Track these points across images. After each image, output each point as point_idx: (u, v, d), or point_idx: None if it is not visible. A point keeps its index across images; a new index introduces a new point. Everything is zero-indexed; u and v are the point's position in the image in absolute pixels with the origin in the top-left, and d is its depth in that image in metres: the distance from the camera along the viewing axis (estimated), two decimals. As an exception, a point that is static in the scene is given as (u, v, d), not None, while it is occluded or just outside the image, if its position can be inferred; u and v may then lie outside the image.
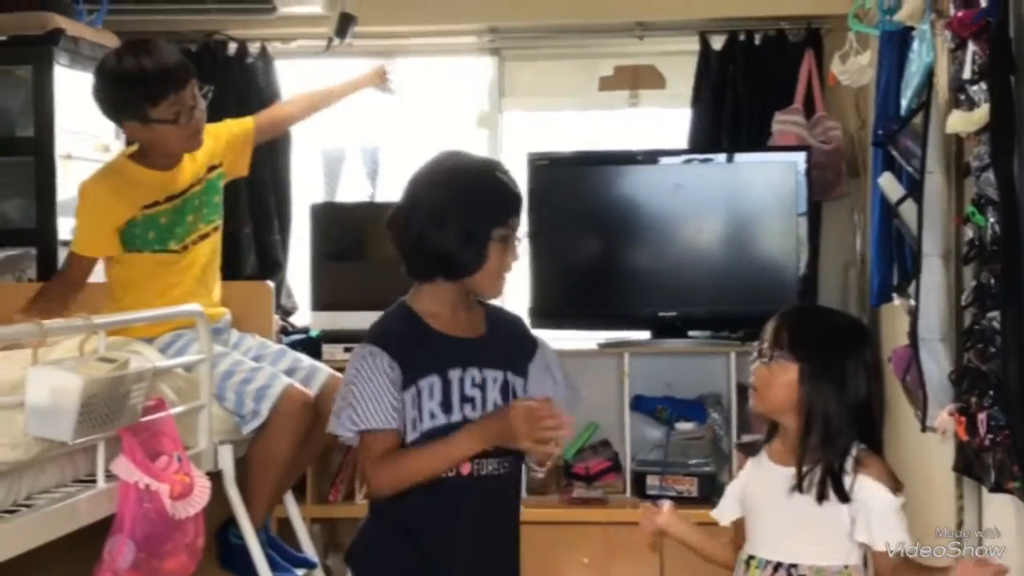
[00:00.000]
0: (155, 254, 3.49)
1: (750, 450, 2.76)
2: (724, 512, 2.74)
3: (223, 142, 3.66)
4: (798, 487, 2.54)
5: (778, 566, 2.59)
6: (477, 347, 2.63)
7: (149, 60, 3.36)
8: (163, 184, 3.50)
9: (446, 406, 2.57)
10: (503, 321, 2.75)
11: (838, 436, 2.54)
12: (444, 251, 2.57)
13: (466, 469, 2.56)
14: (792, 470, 2.56)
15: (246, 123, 3.75)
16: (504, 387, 2.62)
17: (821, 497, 2.51)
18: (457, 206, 2.58)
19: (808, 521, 2.54)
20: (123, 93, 3.38)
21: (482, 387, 2.60)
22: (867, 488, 2.52)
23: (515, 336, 2.74)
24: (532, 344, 2.74)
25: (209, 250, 3.64)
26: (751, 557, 2.62)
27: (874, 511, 2.52)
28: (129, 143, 3.60)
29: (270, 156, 5.18)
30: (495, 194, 2.62)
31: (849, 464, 2.53)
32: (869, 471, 2.53)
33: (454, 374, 2.58)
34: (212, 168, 3.62)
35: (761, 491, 2.64)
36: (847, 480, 2.52)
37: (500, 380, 2.62)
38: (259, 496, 3.50)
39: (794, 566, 2.57)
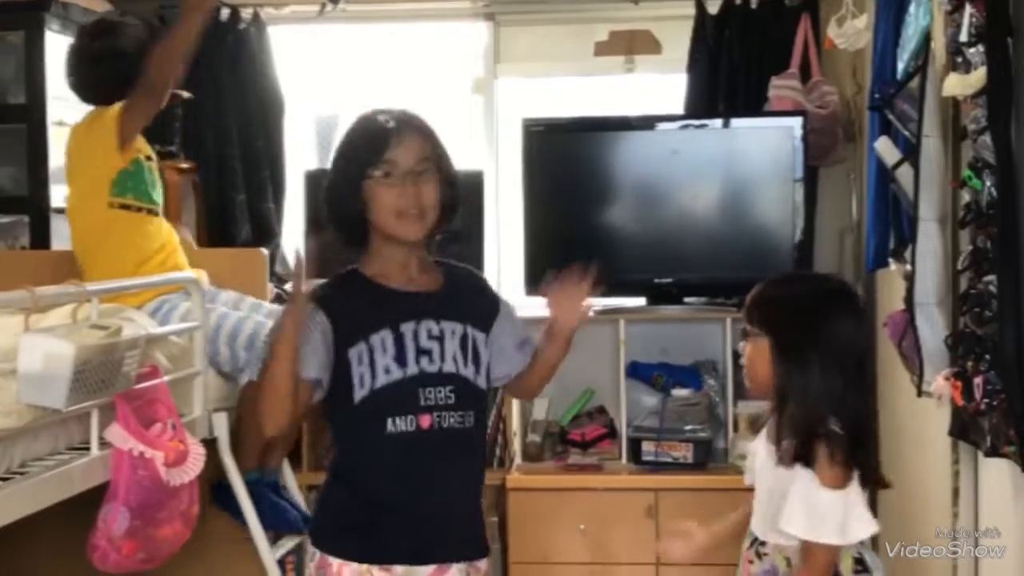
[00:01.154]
0: (140, 212, 3.55)
1: (756, 425, 2.76)
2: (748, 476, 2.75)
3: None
4: (781, 462, 2.51)
5: (754, 541, 2.62)
6: (433, 300, 2.57)
7: (124, 25, 3.66)
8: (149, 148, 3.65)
9: (400, 360, 2.50)
10: (463, 277, 2.70)
11: (810, 411, 2.47)
12: (332, 200, 2.56)
13: (426, 422, 2.50)
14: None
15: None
16: (463, 340, 2.56)
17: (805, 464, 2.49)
18: (336, 155, 2.58)
19: (779, 499, 2.53)
20: (111, 72, 3.58)
21: (440, 339, 2.54)
22: (800, 473, 2.48)
23: (477, 292, 2.69)
24: (495, 301, 2.69)
25: (168, 228, 3.70)
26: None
27: (793, 493, 2.47)
28: None
29: (263, 124, 5.16)
30: (363, 134, 2.55)
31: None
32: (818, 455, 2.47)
33: (407, 327, 2.52)
34: (149, 158, 3.75)
35: (759, 467, 2.64)
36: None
37: (459, 333, 2.56)
38: (251, 437, 3.52)
39: (763, 543, 2.59)
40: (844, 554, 2.54)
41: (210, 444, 3.30)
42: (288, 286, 2.87)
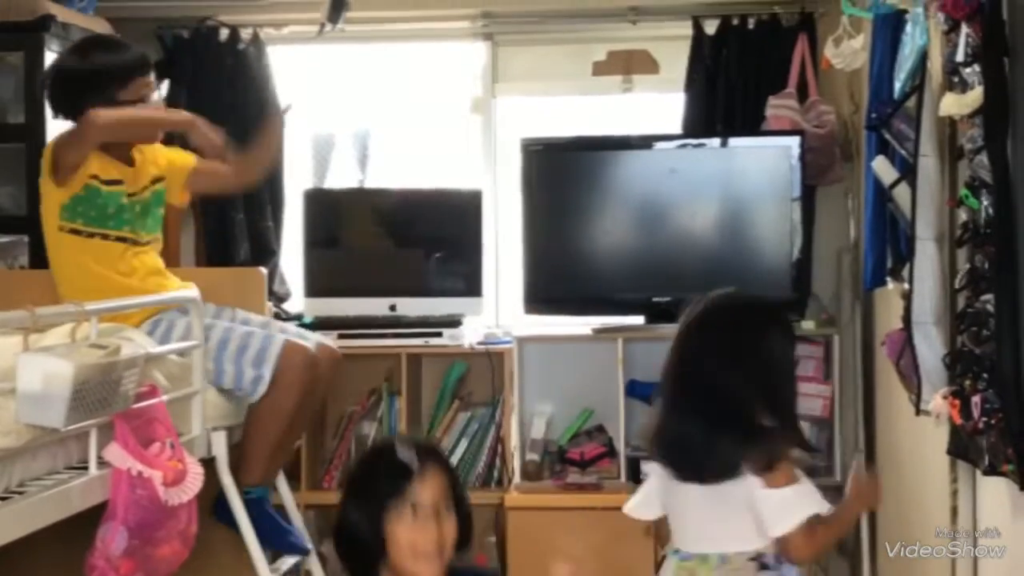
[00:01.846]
0: (105, 240, 3.53)
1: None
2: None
3: (166, 161, 3.76)
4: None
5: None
6: None
7: (117, 46, 3.61)
8: (122, 175, 3.57)
9: None
10: None
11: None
12: (351, 543, 2.53)
13: None
14: None
15: (188, 157, 3.81)
16: None
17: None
18: (350, 496, 2.55)
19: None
20: (94, 76, 3.50)
21: None
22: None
23: None
24: None
25: (151, 263, 3.65)
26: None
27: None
28: None
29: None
30: (379, 471, 2.53)
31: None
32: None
33: None
34: (157, 180, 3.71)
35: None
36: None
37: None
38: (259, 450, 3.52)
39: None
40: None
41: (209, 463, 3.30)
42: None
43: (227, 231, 5.08)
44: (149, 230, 3.66)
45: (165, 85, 3.68)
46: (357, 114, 5.32)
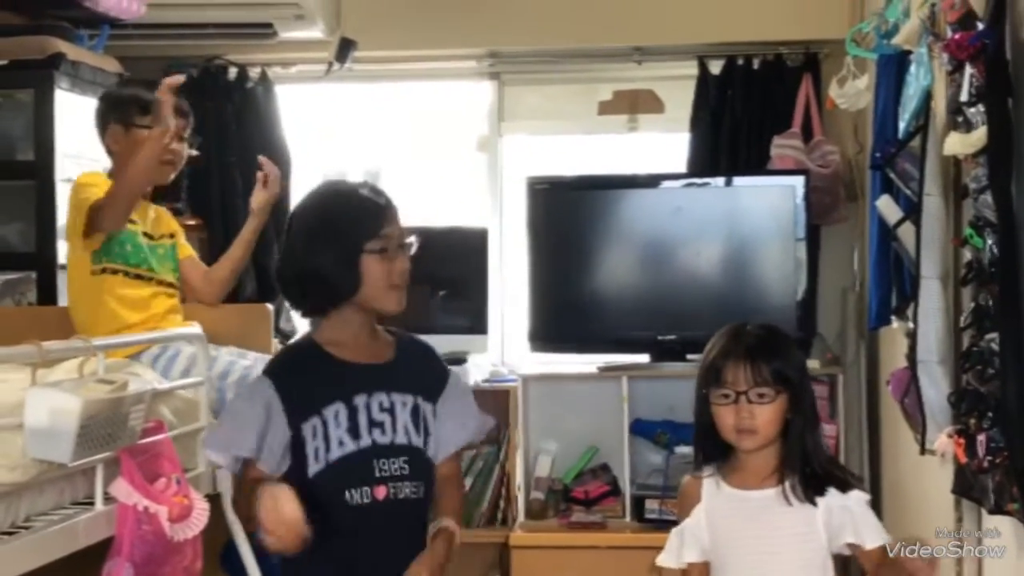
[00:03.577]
0: (127, 277, 3.55)
1: (695, 485, 2.72)
2: (681, 554, 2.64)
3: (177, 227, 3.85)
4: (787, 501, 2.54)
5: None
6: (384, 372, 2.62)
7: (149, 85, 3.61)
8: (138, 213, 3.61)
9: (354, 432, 2.55)
10: (414, 348, 2.72)
11: (816, 444, 2.58)
12: (323, 275, 2.55)
13: (381, 493, 2.55)
14: (767, 492, 2.57)
15: (187, 247, 3.87)
16: (415, 411, 2.62)
17: (811, 501, 2.53)
18: (320, 231, 2.57)
19: (787, 542, 2.54)
20: (126, 93, 3.65)
21: (391, 411, 2.58)
22: (835, 492, 2.55)
23: (426, 363, 2.72)
24: (444, 372, 2.73)
25: (167, 307, 3.68)
26: None
27: (854, 512, 2.54)
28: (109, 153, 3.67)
29: (270, 180, 5.19)
30: (358, 210, 2.59)
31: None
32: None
33: (359, 400, 2.56)
34: (171, 236, 3.78)
35: (734, 523, 2.60)
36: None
37: (410, 404, 2.61)
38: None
39: None
40: None
41: (214, 499, 3.30)
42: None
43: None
44: (173, 272, 3.71)
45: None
46: (364, 152, 5.34)
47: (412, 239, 2.65)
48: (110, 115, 3.62)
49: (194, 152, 4.29)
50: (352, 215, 2.57)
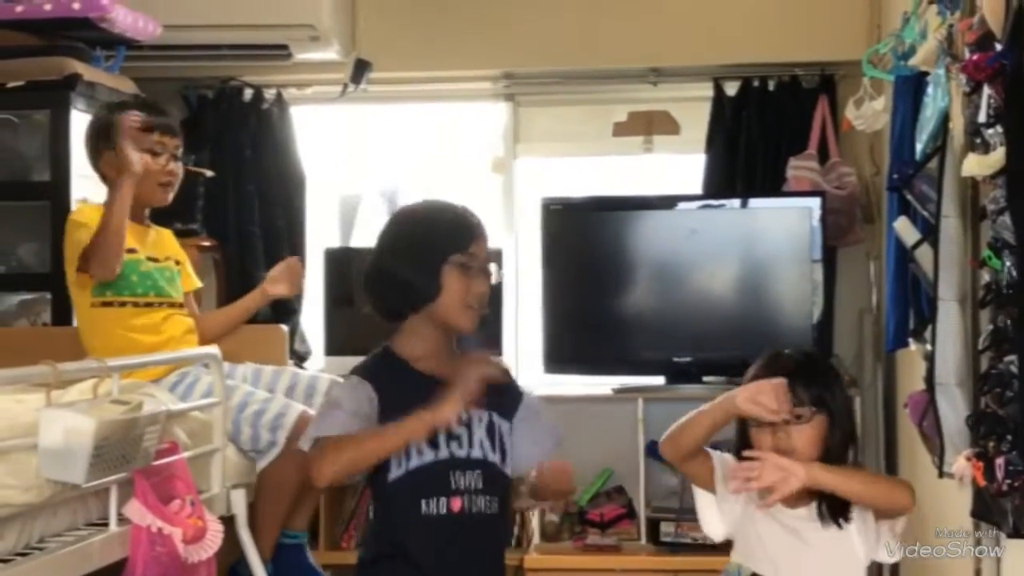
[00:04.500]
0: (137, 308, 3.57)
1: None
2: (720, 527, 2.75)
3: (183, 255, 3.86)
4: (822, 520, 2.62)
5: None
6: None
7: (143, 106, 3.70)
8: (138, 238, 3.62)
9: (432, 443, 2.59)
10: None
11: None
12: (402, 279, 2.62)
13: (457, 505, 2.60)
14: (799, 511, 2.64)
15: (192, 280, 3.88)
16: (490, 427, 2.67)
17: (846, 520, 2.61)
18: (410, 237, 2.67)
19: (818, 559, 2.60)
20: (114, 118, 3.60)
21: (468, 425, 2.63)
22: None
23: (502, 382, 2.74)
24: (518, 391, 2.79)
25: (184, 328, 3.69)
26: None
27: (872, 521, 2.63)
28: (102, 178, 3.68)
29: (285, 202, 5.20)
30: (447, 223, 2.68)
31: None
32: None
33: None
34: (177, 262, 3.79)
35: (771, 526, 2.66)
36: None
37: (485, 420, 2.66)
38: (269, 524, 3.51)
39: None
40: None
41: (228, 521, 3.29)
42: None
43: (249, 288, 5.08)
44: (179, 292, 3.71)
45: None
46: (379, 173, 5.35)
47: (495, 267, 2.71)
48: (101, 142, 3.61)
49: (207, 172, 4.29)
50: (444, 226, 2.67)
